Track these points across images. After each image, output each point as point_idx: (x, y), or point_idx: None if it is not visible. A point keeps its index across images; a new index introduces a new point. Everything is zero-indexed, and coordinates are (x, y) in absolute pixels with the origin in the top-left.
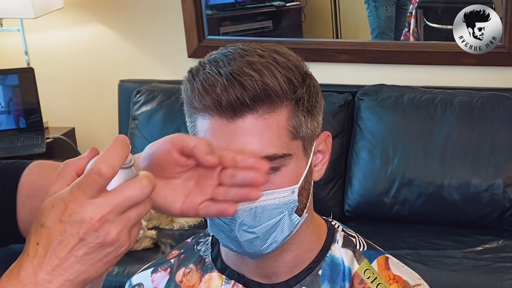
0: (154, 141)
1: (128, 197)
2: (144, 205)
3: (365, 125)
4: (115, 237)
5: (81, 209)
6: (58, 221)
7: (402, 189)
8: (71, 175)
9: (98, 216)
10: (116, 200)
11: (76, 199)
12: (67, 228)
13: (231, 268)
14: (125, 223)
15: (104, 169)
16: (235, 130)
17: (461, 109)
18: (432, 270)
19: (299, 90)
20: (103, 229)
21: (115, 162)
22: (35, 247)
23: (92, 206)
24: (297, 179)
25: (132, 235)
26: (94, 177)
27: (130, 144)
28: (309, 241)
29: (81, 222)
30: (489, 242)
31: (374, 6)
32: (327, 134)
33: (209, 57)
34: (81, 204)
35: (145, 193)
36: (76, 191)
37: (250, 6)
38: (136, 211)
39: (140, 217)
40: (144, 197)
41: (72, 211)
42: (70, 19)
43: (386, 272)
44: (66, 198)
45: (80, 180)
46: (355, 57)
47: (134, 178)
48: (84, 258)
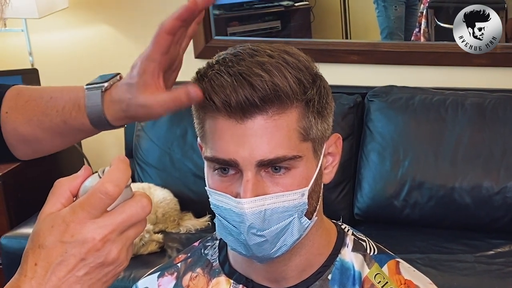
0: (160, 143)
1: (129, 216)
2: (141, 224)
3: (375, 127)
4: (116, 256)
5: (83, 229)
6: (59, 242)
7: (412, 192)
8: (66, 194)
9: (100, 236)
10: (118, 220)
11: (78, 219)
12: (68, 248)
13: (239, 272)
14: (125, 242)
15: (111, 189)
16: (244, 131)
17: (472, 110)
18: (444, 274)
19: (309, 91)
20: (105, 249)
21: (120, 182)
22: (33, 268)
23: (94, 226)
24: (307, 182)
25: (129, 253)
26: (100, 197)
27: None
28: (318, 245)
29: (83, 242)
30: (501, 246)
31: (383, 6)
32: (338, 136)
33: (217, 57)
34: (83, 225)
35: (146, 212)
36: (80, 211)
37: (258, 6)
38: (135, 230)
39: (137, 236)
40: (144, 216)
41: (74, 232)
42: (74, 19)
43: (397, 277)
44: (67, 218)
45: (83, 200)
46: (365, 58)
47: (134, 197)
48: (84, 278)
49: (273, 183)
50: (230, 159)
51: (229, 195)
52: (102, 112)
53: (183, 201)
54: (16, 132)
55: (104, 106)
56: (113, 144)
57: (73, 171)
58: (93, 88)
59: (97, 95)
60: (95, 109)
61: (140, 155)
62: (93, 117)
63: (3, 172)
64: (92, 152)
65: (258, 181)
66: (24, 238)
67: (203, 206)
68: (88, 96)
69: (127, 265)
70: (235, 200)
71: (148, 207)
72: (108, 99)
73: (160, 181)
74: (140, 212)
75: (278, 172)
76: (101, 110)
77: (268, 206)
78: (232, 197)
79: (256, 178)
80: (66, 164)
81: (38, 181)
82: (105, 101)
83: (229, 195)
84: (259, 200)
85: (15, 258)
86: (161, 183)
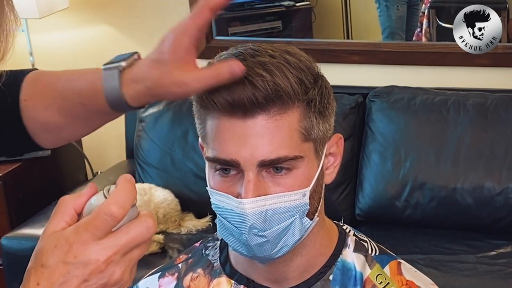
0: (161, 143)
1: (134, 237)
2: (146, 245)
3: (376, 127)
4: (119, 278)
5: (86, 250)
6: (62, 262)
7: (414, 192)
8: (70, 212)
9: (104, 257)
10: (122, 241)
11: (82, 240)
12: (71, 269)
13: (240, 272)
14: (128, 263)
15: (116, 211)
16: (245, 131)
17: (474, 111)
18: (445, 275)
19: (310, 91)
20: (108, 270)
21: (126, 203)
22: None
23: (98, 247)
24: (308, 182)
25: (132, 273)
26: (105, 218)
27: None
28: (320, 246)
29: (86, 263)
30: (503, 247)
31: (385, 5)
32: (339, 136)
33: (219, 57)
34: (86, 245)
35: (150, 233)
36: (84, 232)
37: (259, 6)
38: (139, 251)
39: (141, 256)
40: (149, 237)
41: (77, 252)
42: (75, 19)
43: (399, 277)
44: (71, 239)
45: (88, 221)
46: (366, 58)
47: (139, 218)
48: None
49: (274, 184)
50: (231, 159)
51: (230, 196)
52: (120, 93)
53: (184, 202)
54: (37, 120)
55: (123, 86)
56: (113, 145)
57: (73, 171)
58: (110, 68)
59: (115, 75)
60: (112, 90)
61: (140, 155)
62: (111, 99)
63: (4, 173)
64: (92, 152)
65: (259, 181)
66: (25, 238)
67: (204, 207)
68: (105, 76)
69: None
70: (237, 201)
71: (153, 228)
72: (128, 78)
73: (161, 182)
74: (144, 233)
75: (280, 172)
76: (119, 91)
77: (269, 206)
78: (233, 198)
79: (258, 178)
80: (67, 165)
81: (39, 182)
82: (124, 80)
83: (231, 196)
84: (261, 201)
85: (15, 259)
86: (162, 183)
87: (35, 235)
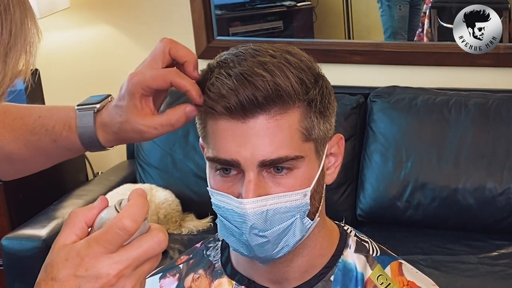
0: (161, 144)
1: (145, 251)
2: (156, 259)
3: (377, 128)
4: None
5: (98, 264)
6: (73, 275)
7: (415, 193)
8: (81, 225)
9: (115, 271)
10: (134, 255)
11: (93, 253)
12: (81, 283)
13: (241, 273)
14: (139, 277)
15: (129, 225)
16: (246, 131)
17: (476, 111)
18: (447, 276)
19: (311, 91)
20: (119, 284)
21: (139, 218)
22: None
23: (109, 261)
24: (309, 182)
25: (142, 286)
26: (118, 232)
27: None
28: (321, 246)
29: (97, 277)
30: (504, 247)
31: (388, 5)
32: (340, 136)
33: (219, 57)
34: (97, 259)
35: (162, 247)
36: (95, 245)
37: (260, 6)
38: (150, 265)
39: (152, 270)
40: (160, 251)
41: (88, 266)
42: (76, 19)
43: (400, 278)
44: (82, 252)
45: (100, 235)
46: (368, 58)
47: (150, 232)
48: None
49: (275, 184)
50: (232, 159)
51: (231, 196)
52: (95, 133)
53: (185, 202)
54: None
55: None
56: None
57: (74, 172)
58: (85, 109)
59: (90, 116)
60: (87, 130)
61: (141, 155)
62: (85, 138)
63: None
64: (93, 153)
65: (260, 182)
66: (25, 239)
67: (205, 207)
68: (80, 117)
69: None
70: (237, 201)
71: (164, 242)
72: (99, 121)
73: (161, 182)
74: (156, 247)
75: (280, 172)
76: (93, 132)
77: (270, 206)
78: (234, 198)
79: (258, 179)
80: (68, 165)
81: (40, 182)
82: (96, 122)
83: (231, 196)
84: (261, 201)
85: (16, 260)
86: (163, 184)
87: (35, 235)
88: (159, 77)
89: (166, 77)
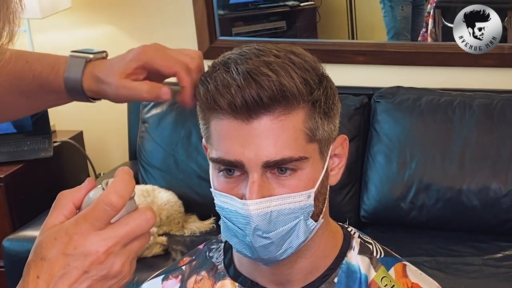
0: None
1: (133, 229)
2: (145, 237)
3: (381, 128)
4: (119, 269)
5: (86, 242)
6: (62, 254)
7: (419, 194)
8: (69, 206)
9: (103, 248)
10: (122, 232)
11: (81, 231)
12: (70, 261)
13: (244, 275)
14: (128, 255)
15: (115, 200)
16: (250, 131)
17: (480, 111)
18: (451, 277)
19: (315, 91)
20: (108, 262)
21: (125, 193)
22: (35, 281)
23: (97, 238)
24: (313, 183)
25: (132, 267)
26: (105, 208)
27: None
28: (324, 248)
29: (86, 254)
30: (509, 249)
31: (390, 6)
32: (344, 137)
33: (223, 57)
34: (86, 236)
35: (149, 225)
36: (83, 223)
37: (263, 6)
38: (138, 243)
39: (141, 249)
40: (148, 229)
41: (77, 244)
42: (78, 19)
43: (404, 280)
44: (70, 230)
45: (87, 212)
46: (371, 59)
47: (138, 210)
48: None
49: (279, 185)
50: (235, 160)
51: (234, 197)
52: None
53: (188, 203)
54: None
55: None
56: (116, 146)
57: (76, 173)
58: (78, 57)
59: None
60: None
61: (144, 156)
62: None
63: (6, 174)
64: (95, 153)
65: (264, 183)
66: (27, 240)
67: (208, 208)
68: (71, 62)
69: (131, 278)
70: (241, 202)
71: (152, 219)
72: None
73: (164, 183)
74: (144, 224)
75: (284, 173)
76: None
77: (274, 207)
78: (237, 199)
79: (262, 180)
80: (69, 166)
81: (41, 183)
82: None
83: (235, 197)
84: (265, 202)
85: (17, 261)
86: (165, 185)
87: (36, 237)
88: (169, 62)
89: (175, 66)
